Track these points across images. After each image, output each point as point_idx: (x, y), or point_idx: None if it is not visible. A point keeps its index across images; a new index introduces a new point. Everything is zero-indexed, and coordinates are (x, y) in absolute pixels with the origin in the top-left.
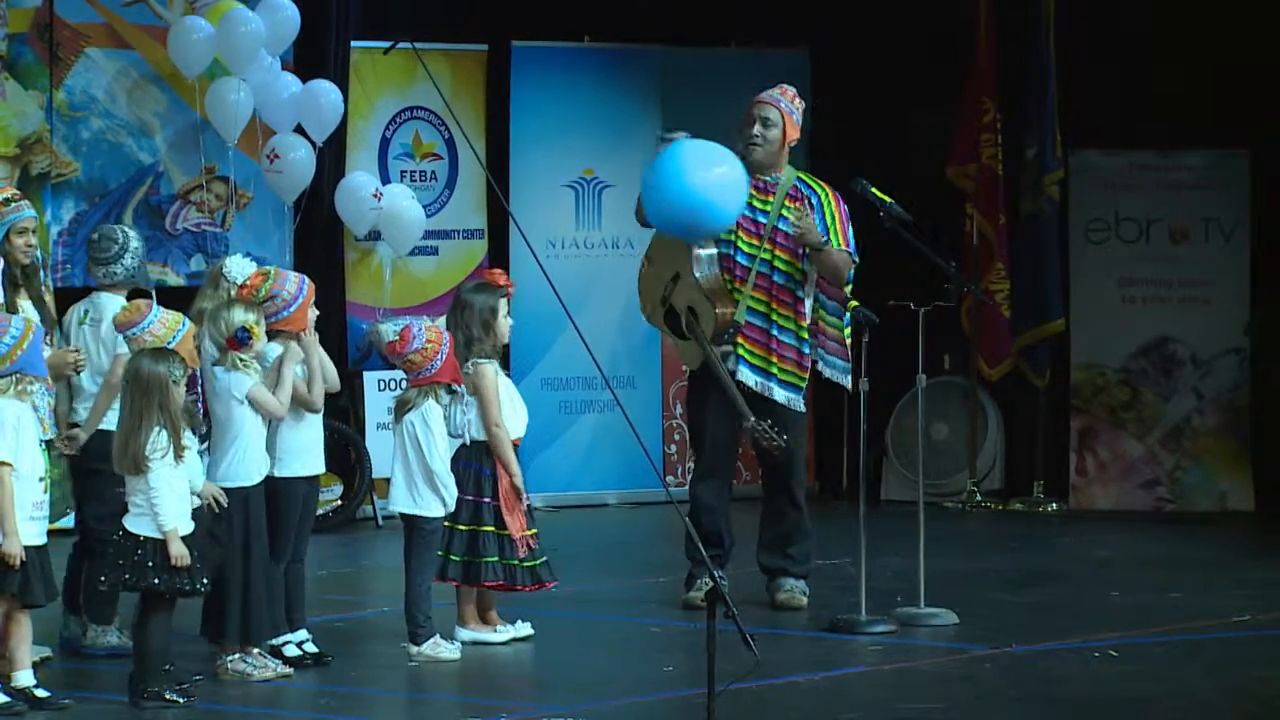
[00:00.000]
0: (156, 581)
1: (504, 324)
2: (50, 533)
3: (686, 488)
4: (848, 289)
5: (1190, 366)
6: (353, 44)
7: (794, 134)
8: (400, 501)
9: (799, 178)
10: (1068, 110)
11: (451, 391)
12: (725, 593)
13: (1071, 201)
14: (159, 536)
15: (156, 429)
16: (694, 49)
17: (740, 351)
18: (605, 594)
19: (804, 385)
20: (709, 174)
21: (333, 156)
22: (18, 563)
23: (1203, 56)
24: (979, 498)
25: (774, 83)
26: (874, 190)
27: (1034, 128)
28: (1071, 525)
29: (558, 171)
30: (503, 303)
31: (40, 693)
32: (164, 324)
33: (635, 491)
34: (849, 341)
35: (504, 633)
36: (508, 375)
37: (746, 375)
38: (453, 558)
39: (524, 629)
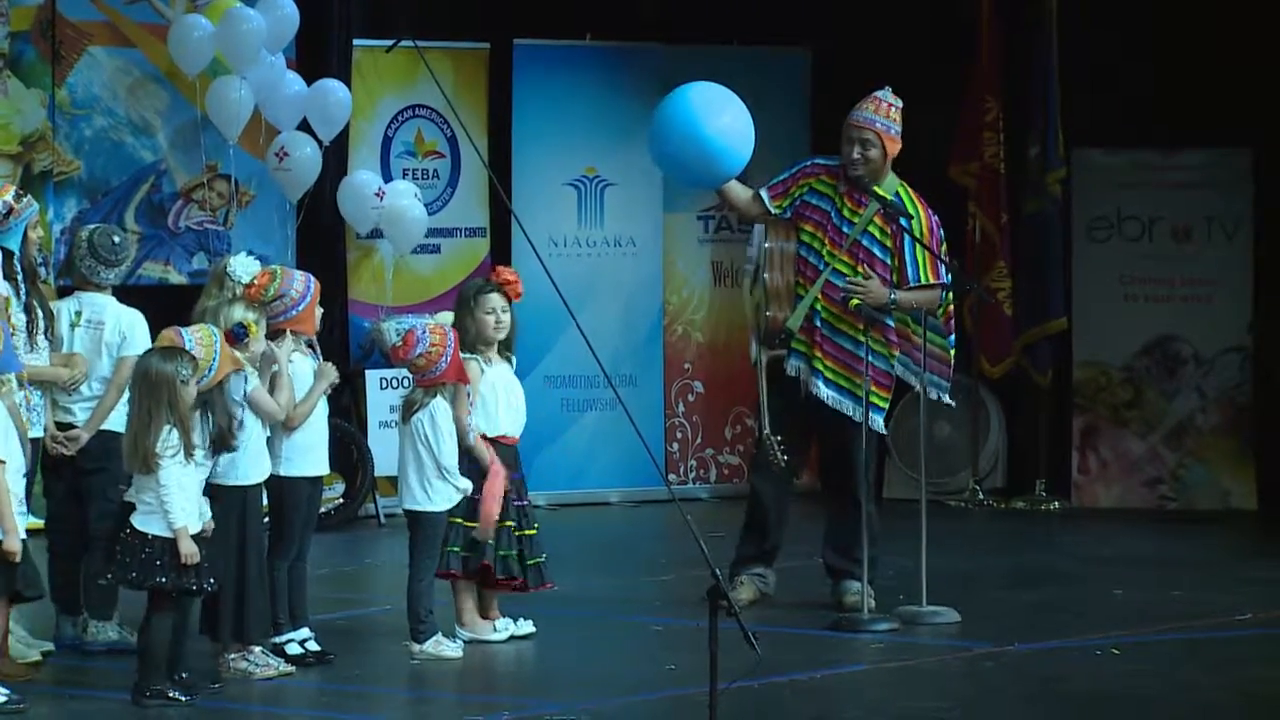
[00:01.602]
0: (163, 580)
1: (485, 317)
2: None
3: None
4: (940, 310)
5: (1193, 365)
6: (355, 42)
7: (895, 147)
8: (414, 499)
9: (898, 193)
10: (1070, 109)
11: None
12: (726, 590)
13: (1074, 200)
14: (168, 535)
15: (167, 428)
16: (695, 47)
17: (817, 365)
18: (607, 592)
19: (886, 406)
20: (719, 120)
21: (335, 155)
22: (17, 559)
23: (1205, 54)
24: (981, 496)
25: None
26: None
27: (1036, 126)
28: (1074, 523)
29: (560, 169)
30: (492, 296)
31: None
32: (202, 345)
33: (637, 490)
34: (952, 359)
35: (503, 631)
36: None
37: (821, 389)
38: None
39: (526, 627)
